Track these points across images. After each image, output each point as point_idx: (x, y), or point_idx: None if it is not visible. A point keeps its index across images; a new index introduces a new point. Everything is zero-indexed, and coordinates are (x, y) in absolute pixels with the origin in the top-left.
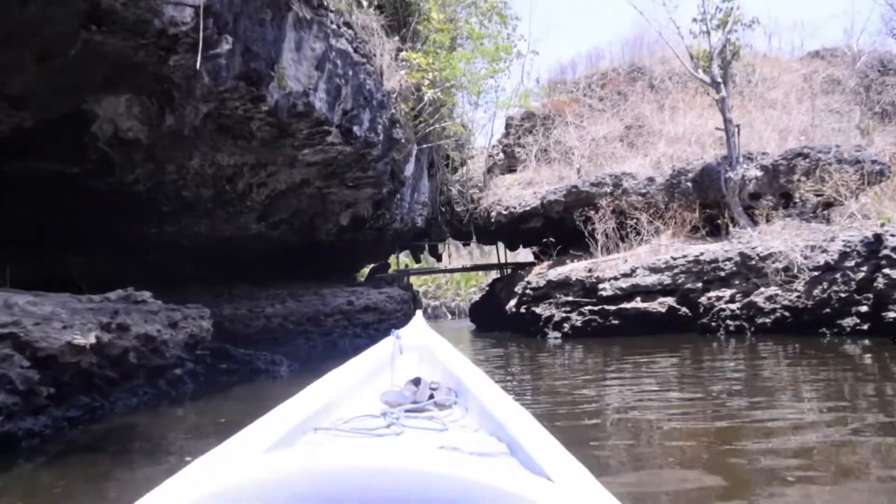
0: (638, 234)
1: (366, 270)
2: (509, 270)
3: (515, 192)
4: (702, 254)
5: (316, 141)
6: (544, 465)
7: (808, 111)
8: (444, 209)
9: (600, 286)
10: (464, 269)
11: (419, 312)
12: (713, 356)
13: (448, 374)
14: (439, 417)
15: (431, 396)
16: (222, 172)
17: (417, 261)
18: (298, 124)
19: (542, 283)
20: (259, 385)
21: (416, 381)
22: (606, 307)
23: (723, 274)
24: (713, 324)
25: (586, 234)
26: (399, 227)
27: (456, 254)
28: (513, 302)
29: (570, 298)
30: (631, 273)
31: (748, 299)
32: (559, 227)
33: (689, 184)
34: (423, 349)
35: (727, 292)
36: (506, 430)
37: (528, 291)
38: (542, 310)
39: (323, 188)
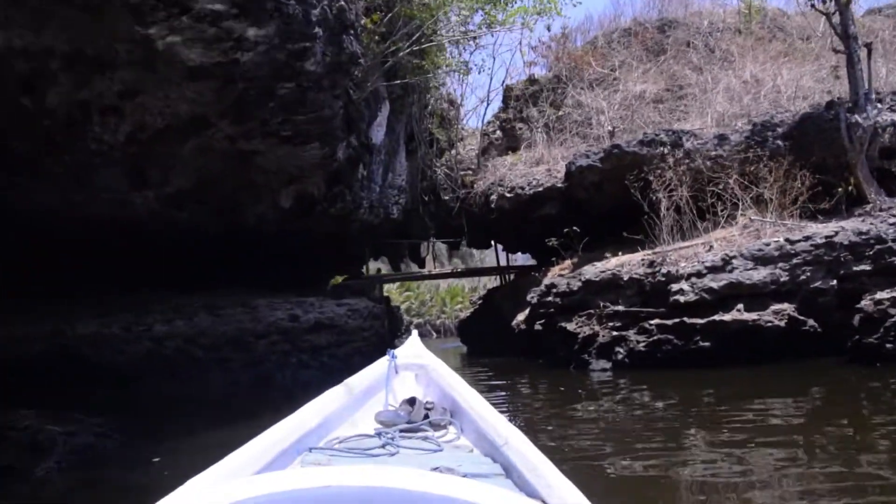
0: (718, 211)
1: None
2: (511, 277)
3: (522, 170)
4: (835, 234)
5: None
6: (539, 488)
7: None
8: (426, 198)
9: (673, 288)
10: (454, 275)
11: (415, 332)
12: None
13: (443, 395)
14: (434, 438)
15: (426, 416)
16: (9, 70)
17: (396, 269)
18: None
19: (577, 285)
20: None
21: (412, 401)
22: (688, 320)
23: (869, 267)
24: (864, 343)
25: (645, 206)
26: (368, 217)
27: (439, 265)
28: (521, 316)
29: (623, 308)
30: (724, 265)
31: None
32: (585, 212)
33: (781, 141)
34: (418, 369)
35: (885, 294)
36: (501, 452)
37: (551, 299)
38: (576, 326)
39: (238, 139)
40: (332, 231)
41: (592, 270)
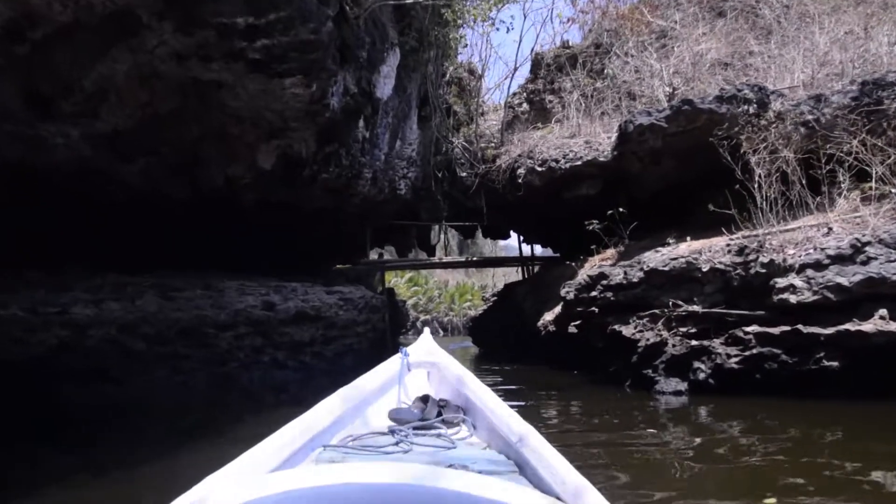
0: (840, 180)
1: None
2: (535, 269)
3: (556, 141)
4: None
5: None
6: (554, 484)
7: None
8: (440, 174)
9: (779, 283)
10: (468, 264)
11: (427, 330)
12: None
13: (456, 392)
14: (447, 435)
15: (440, 414)
16: None
17: (403, 256)
18: None
19: (637, 276)
20: None
21: (425, 399)
22: (804, 329)
23: None
24: None
25: (738, 171)
26: (370, 191)
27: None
28: (550, 315)
29: (702, 308)
30: (854, 254)
31: None
32: (633, 192)
33: None
34: (430, 367)
35: None
36: (514, 449)
37: (596, 294)
38: (634, 330)
39: (189, 58)
40: (326, 206)
41: (658, 258)
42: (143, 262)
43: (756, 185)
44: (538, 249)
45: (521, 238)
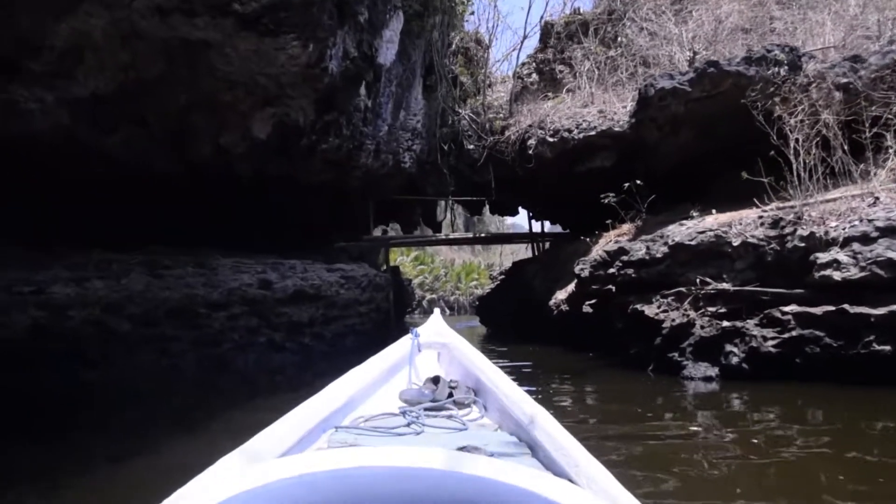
0: (879, 148)
1: None
2: (545, 245)
3: (567, 111)
4: None
5: None
6: (567, 467)
7: None
8: (446, 146)
9: (821, 259)
10: (475, 241)
11: (437, 311)
12: None
13: (467, 373)
14: (459, 416)
15: (451, 395)
16: None
17: (408, 234)
18: None
19: (660, 250)
20: None
21: (435, 380)
22: (851, 309)
23: None
24: None
25: (773, 135)
26: (373, 164)
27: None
28: (562, 294)
29: (733, 286)
30: None
31: None
32: (650, 164)
33: None
34: (441, 347)
35: None
36: (526, 430)
37: (614, 271)
38: (658, 310)
39: (172, 13)
40: (327, 180)
41: (683, 231)
42: (133, 240)
43: (792, 152)
44: (547, 227)
45: (531, 215)
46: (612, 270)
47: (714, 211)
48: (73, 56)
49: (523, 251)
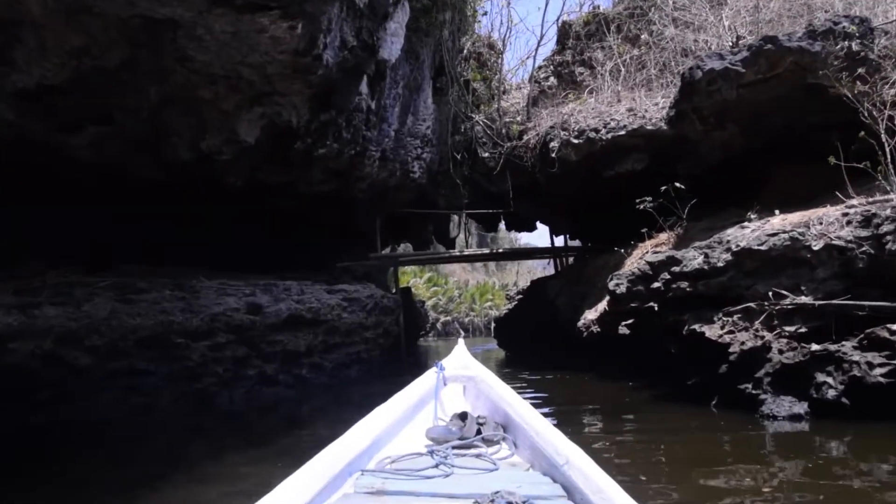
0: None
1: None
2: (568, 260)
3: (593, 110)
4: None
5: None
6: None
7: None
8: (459, 155)
9: None
10: (493, 257)
11: (461, 341)
12: None
13: (495, 408)
14: (488, 455)
15: (479, 431)
16: None
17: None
18: None
19: (721, 258)
20: None
21: (463, 416)
22: None
23: None
24: None
25: (863, 113)
26: (379, 173)
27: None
28: (592, 313)
29: (816, 300)
30: None
31: None
32: (685, 166)
33: None
34: (467, 381)
35: None
36: (560, 470)
37: (659, 286)
38: (720, 332)
39: None
40: (328, 192)
41: (749, 235)
42: (107, 258)
43: (884, 133)
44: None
45: (551, 229)
46: (656, 285)
47: (777, 212)
48: (8, 36)
49: (540, 271)
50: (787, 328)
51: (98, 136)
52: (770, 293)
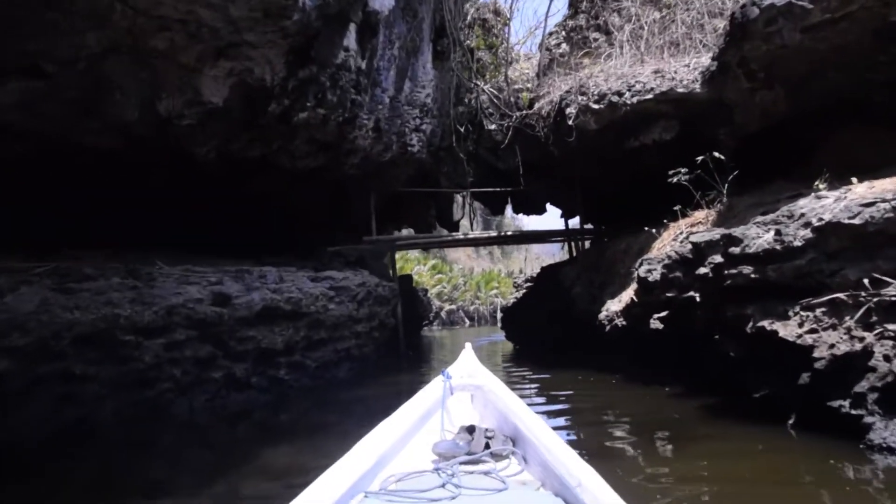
0: None
1: None
2: (585, 245)
3: (617, 72)
4: None
5: None
6: None
7: None
8: (463, 128)
9: None
10: (501, 239)
11: (468, 346)
12: None
13: (504, 419)
14: (497, 472)
15: (487, 445)
16: None
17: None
18: None
19: (798, 235)
20: None
21: (471, 429)
22: None
23: None
24: None
25: None
26: (372, 146)
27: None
28: (616, 304)
29: None
30: None
31: None
32: (719, 137)
33: None
34: (474, 390)
35: None
36: (573, 492)
37: (707, 271)
38: (798, 330)
39: None
40: (315, 168)
41: (832, 206)
42: (54, 245)
43: None
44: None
45: (564, 211)
46: (702, 270)
47: (855, 180)
48: None
49: (548, 258)
50: (891, 326)
51: (28, 95)
52: (866, 280)
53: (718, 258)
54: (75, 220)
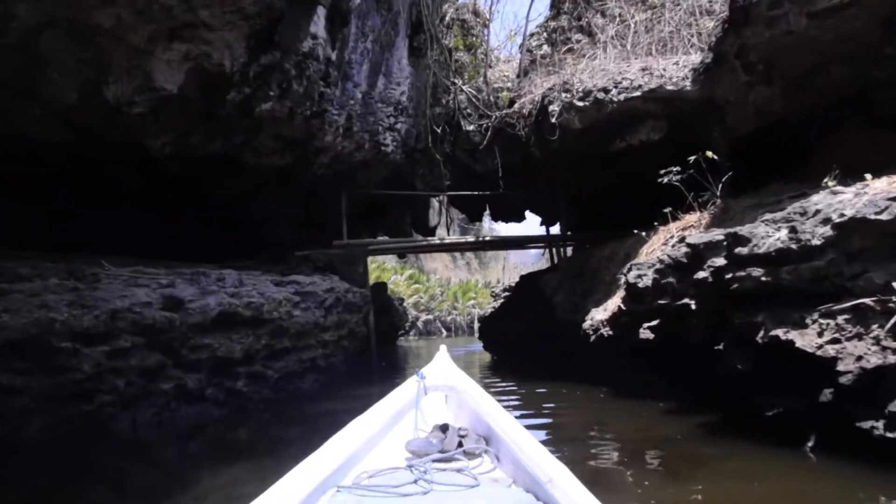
0: None
1: None
2: (567, 251)
3: (602, 70)
4: None
5: None
6: None
7: None
8: (440, 129)
9: None
10: (480, 245)
11: (443, 348)
12: None
13: (477, 419)
14: (469, 470)
15: (460, 444)
16: None
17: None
18: None
19: (816, 234)
20: None
21: (444, 428)
22: None
23: None
24: None
25: None
26: (343, 145)
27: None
28: (601, 313)
29: None
30: None
31: None
32: (709, 138)
33: None
34: (449, 390)
35: None
36: (544, 488)
37: (706, 276)
38: (818, 340)
39: None
40: (283, 168)
41: (853, 201)
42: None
43: None
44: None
45: (544, 218)
46: (701, 274)
47: (869, 176)
48: None
49: (528, 268)
50: None
51: None
52: (895, 284)
53: (720, 261)
54: (24, 223)
